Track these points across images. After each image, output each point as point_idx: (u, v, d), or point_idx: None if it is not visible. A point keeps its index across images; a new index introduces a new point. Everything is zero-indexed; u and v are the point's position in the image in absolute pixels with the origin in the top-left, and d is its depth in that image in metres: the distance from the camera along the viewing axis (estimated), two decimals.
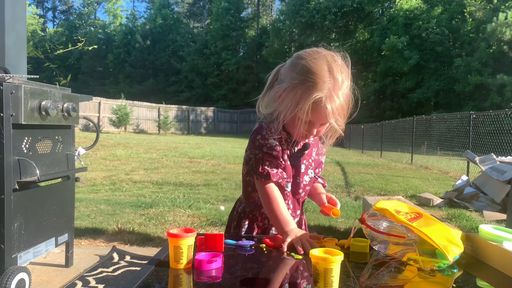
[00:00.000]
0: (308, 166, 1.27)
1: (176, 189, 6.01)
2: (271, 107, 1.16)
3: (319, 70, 1.05)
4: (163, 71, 37.67)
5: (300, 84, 1.05)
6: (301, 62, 1.07)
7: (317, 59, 1.06)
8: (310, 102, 1.04)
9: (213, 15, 37.66)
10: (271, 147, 1.16)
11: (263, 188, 1.16)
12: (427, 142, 12.34)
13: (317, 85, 1.04)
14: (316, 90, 1.04)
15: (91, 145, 2.96)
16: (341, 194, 5.98)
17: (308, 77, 1.04)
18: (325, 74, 1.05)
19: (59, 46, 3.83)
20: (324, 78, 1.04)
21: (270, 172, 1.14)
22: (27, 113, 1.99)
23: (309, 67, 1.05)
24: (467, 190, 5.42)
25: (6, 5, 2.43)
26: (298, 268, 0.92)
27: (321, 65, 1.05)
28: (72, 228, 2.58)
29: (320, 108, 1.05)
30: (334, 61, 1.07)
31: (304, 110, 1.04)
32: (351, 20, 30.15)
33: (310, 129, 1.12)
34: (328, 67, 1.05)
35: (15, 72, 2.35)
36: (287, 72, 1.12)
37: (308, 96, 1.04)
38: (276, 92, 1.13)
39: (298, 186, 1.24)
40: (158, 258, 0.92)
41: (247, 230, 1.28)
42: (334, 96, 1.05)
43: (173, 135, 22.84)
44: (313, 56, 1.08)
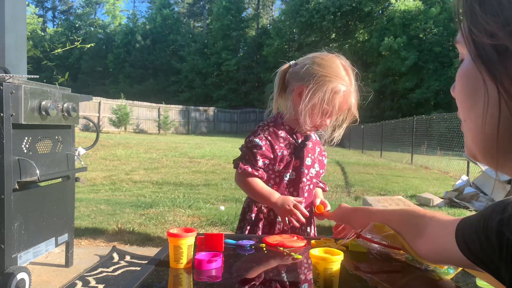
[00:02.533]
0: (314, 160, 1.39)
1: (176, 189, 6.01)
2: (291, 105, 1.30)
3: (335, 67, 1.25)
4: (163, 71, 37.66)
5: (320, 79, 1.23)
6: (318, 61, 1.26)
7: (331, 58, 1.27)
8: (331, 93, 1.22)
9: (213, 15, 37.67)
10: (253, 145, 1.31)
11: (241, 179, 1.33)
12: (427, 142, 12.34)
13: (335, 78, 1.23)
14: (335, 82, 1.23)
15: (91, 145, 2.96)
16: (341, 194, 5.98)
17: (327, 72, 1.23)
18: (341, 70, 1.25)
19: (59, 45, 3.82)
20: (340, 73, 1.24)
21: (241, 166, 1.31)
22: (27, 113, 1.99)
23: (327, 64, 1.25)
24: (467, 190, 5.42)
25: (6, 5, 2.43)
26: (298, 268, 0.92)
27: (336, 63, 1.26)
28: (72, 228, 2.58)
29: (339, 98, 1.24)
30: (345, 61, 1.29)
31: (325, 100, 1.22)
32: (350, 20, 30.15)
33: (325, 118, 1.28)
34: (342, 65, 1.26)
35: (15, 72, 2.35)
36: (306, 70, 1.27)
37: (328, 87, 1.22)
38: (297, 89, 1.28)
39: (301, 175, 1.34)
40: (158, 258, 0.92)
41: (253, 222, 1.35)
42: (351, 91, 1.26)
43: (173, 135, 22.84)
44: (327, 55, 1.28)
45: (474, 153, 0.42)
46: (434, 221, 0.77)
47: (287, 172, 1.33)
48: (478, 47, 0.36)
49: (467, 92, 0.40)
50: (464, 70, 0.41)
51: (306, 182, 1.36)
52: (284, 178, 1.33)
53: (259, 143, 1.30)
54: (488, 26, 0.34)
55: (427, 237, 0.76)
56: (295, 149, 1.34)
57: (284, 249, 1.02)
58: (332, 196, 5.77)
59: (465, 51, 0.40)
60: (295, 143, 1.35)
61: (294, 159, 1.33)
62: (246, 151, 1.32)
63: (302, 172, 1.33)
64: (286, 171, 1.32)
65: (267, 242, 1.07)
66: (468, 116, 0.41)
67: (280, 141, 1.33)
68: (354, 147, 20.16)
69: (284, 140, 1.33)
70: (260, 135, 1.32)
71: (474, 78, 0.38)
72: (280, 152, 1.32)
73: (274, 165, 1.33)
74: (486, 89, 0.36)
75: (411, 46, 24.10)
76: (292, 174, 1.33)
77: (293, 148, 1.34)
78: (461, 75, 0.41)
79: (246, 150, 1.33)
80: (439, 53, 23.91)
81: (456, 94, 0.43)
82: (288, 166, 1.33)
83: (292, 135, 1.35)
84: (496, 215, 0.53)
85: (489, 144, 0.38)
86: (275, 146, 1.31)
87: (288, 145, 1.33)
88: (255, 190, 1.30)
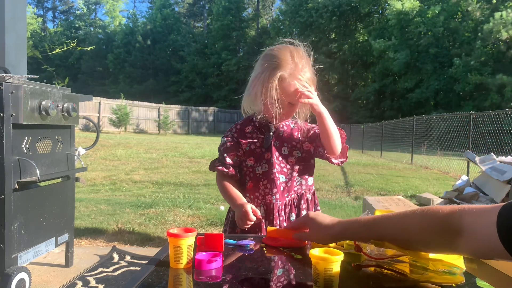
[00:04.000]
0: (292, 149, 1.38)
1: (176, 189, 6.01)
2: (251, 100, 1.33)
3: (283, 55, 1.26)
4: (163, 71, 37.66)
5: (267, 68, 1.25)
6: (268, 53, 1.30)
7: (281, 49, 1.28)
8: (276, 80, 1.22)
9: (214, 15, 37.66)
10: (221, 144, 1.40)
11: (217, 179, 1.42)
12: (427, 142, 12.34)
13: (281, 66, 1.23)
14: (280, 69, 1.23)
15: (91, 145, 2.96)
16: (341, 194, 5.98)
17: (273, 61, 1.25)
18: (288, 58, 1.25)
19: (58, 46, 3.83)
20: (287, 61, 1.24)
21: (216, 167, 1.39)
22: (27, 113, 1.99)
23: (274, 54, 1.27)
24: (467, 190, 5.42)
25: (6, 5, 2.43)
26: (298, 268, 0.92)
27: (285, 52, 1.27)
28: (72, 228, 2.58)
29: (285, 85, 1.24)
30: (296, 49, 1.29)
31: (272, 88, 1.22)
32: (350, 20, 30.16)
33: (283, 106, 1.27)
34: (290, 54, 1.26)
35: (15, 72, 2.35)
36: (258, 63, 1.31)
37: (274, 74, 1.22)
38: (251, 81, 1.32)
39: (272, 166, 1.35)
40: (158, 258, 0.92)
41: (232, 220, 1.38)
42: (297, 75, 1.25)
43: (173, 135, 22.84)
44: (278, 47, 1.30)
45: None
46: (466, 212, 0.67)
47: (259, 165, 1.36)
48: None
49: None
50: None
51: (277, 173, 1.36)
52: (256, 171, 1.37)
53: (225, 141, 1.39)
54: None
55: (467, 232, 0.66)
56: (263, 142, 1.37)
57: (284, 249, 1.02)
58: (332, 196, 5.77)
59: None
60: (263, 136, 1.38)
61: (265, 151, 1.36)
62: (218, 152, 1.42)
63: (272, 163, 1.35)
64: (258, 164, 1.36)
65: (267, 242, 1.07)
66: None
67: (247, 136, 1.38)
68: (354, 147, 20.15)
69: (251, 135, 1.38)
70: (227, 134, 1.41)
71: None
72: (248, 146, 1.37)
73: (245, 161, 1.38)
74: None
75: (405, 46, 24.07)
76: (264, 166, 1.36)
77: (261, 141, 1.37)
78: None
79: (218, 152, 1.42)
80: (438, 53, 23.91)
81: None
82: (260, 159, 1.36)
83: (261, 129, 1.39)
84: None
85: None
86: (241, 142, 1.37)
87: (256, 139, 1.38)
88: (224, 193, 1.38)
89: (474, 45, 21.66)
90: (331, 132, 1.30)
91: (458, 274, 0.88)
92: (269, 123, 1.36)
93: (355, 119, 26.13)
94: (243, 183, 1.41)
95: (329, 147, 1.32)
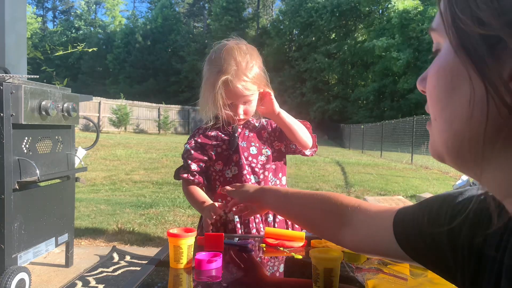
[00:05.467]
0: (261, 147, 1.34)
1: (176, 189, 6.01)
2: (202, 102, 1.29)
3: (224, 56, 1.20)
4: (163, 71, 37.66)
5: (211, 72, 1.22)
6: (211, 56, 1.25)
7: (221, 49, 1.23)
8: (221, 85, 1.18)
9: (213, 15, 37.64)
10: (185, 152, 1.34)
11: (183, 188, 1.37)
12: (427, 142, 12.29)
13: (224, 69, 1.19)
14: (224, 73, 1.18)
15: (91, 145, 2.96)
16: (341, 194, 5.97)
17: (215, 65, 1.21)
18: (230, 58, 1.20)
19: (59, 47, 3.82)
20: (229, 62, 1.19)
21: (181, 175, 1.34)
22: (27, 113, 1.99)
23: (216, 57, 1.22)
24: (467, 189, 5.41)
25: (6, 5, 2.43)
26: (298, 268, 0.92)
27: (226, 52, 1.21)
28: (72, 228, 2.58)
29: (231, 87, 1.19)
30: (238, 46, 1.23)
31: (220, 93, 1.18)
32: (350, 20, 30.16)
33: (236, 110, 1.25)
34: (231, 52, 1.21)
35: (15, 72, 2.35)
36: (204, 68, 1.28)
37: (219, 79, 1.18)
38: (201, 88, 1.28)
39: (242, 168, 1.30)
40: (158, 258, 0.92)
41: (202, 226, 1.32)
42: (241, 75, 1.19)
43: (173, 135, 22.84)
44: (218, 47, 1.25)
45: (442, 155, 0.38)
46: (361, 210, 0.71)
47: (228, 168, 1.31)
48: (462, 36, 0.31)
49: (444, 88, 0.35)
50: (442, 62, 0.35)
51: (248, 174, 1.31)
52: (226, 175, 1.31)
53: (188, 148, 1.33)
54: (479, 13, 0.30)
55: (354, 227, 0.70)
56: (229, 144, 1.32)
57: (284, 249, 1.02)
58: None
59: (443, 40, 0.35)
60: (229, 138, 1.33)
61: (233, 153, 1.31)
62: (182, 160, 1.35)
63: (242, 165, 1.30)
64: (227, 168, 1.31)
65: (267, 242, 1.07)
66: (440, 115, 0.36)
67: (211, 140, 1.33)
68: (354, 147, 20.16)
69: (215, 138, 1.33)
70: (190, 140, 1.35)
71: (455, 73, 0.33)
72: (214, 151, 1.32)
73: (213, 166, 1.32)
74: (472, 87, 0.31)
75: (407, 46, 24.08)
76: (234, 169, 1.31)
77: (227, 143, 1.32)
78: (437, 68, 0.36)
79: (182, 159, 1.36)
80: None
81: (429, 89, 0.37)
82: (229, 162, 1.31)
83: (225, 131, 1.33)
84: (444, 220, 0.49)
85: (464, 147, 0.34)
86: (206, 147, 1.32)
87: (221, 142, 1.32)
88: (191, 199, 1.32)
89: None
90: (295, 128, 1.28)
91: None
92: (232, 124, 1.32)
93: (355, 119, 26.13)
94: (213, 188, 1.35)
95: (299, 142, 1.31)
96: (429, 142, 0.40)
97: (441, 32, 0.34)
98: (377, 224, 0.64)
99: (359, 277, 0.86)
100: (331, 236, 0.76)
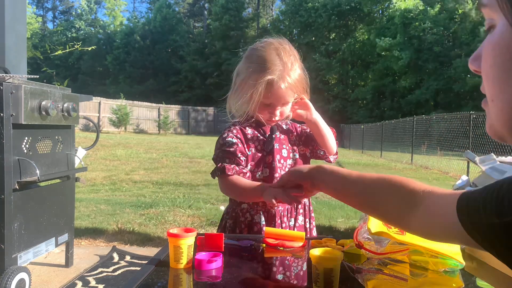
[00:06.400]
0: (289, 150, 1.31)
1: (176, 189, 6.01)
2: (237, 100, 1.24)
3: (269, 56, 1.16)
4: (163, 71, 37.66)
5: (254, 71, 1.16)
6: (253, 53, 1.20)
7: (265, 47, 1.19)
8: (264, 85, 1.14)
9: (213, 15, 37.64)
10: (229, 145, 1.23)
11: (223, 182, 1.21)
12: (427, 142, 12.35)
13: (269, 69, 1.14)
14: (269, 73, 1.14)
15: (91, 145, 2.97)
16: None
17: (260, 63, 1.16)
18: (275, 58, 1.16)
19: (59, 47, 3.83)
20: (274, 62, 1.15)
21: (226, 167, 1.19)
22: (27, 113, 1.99)
23: (260, 55, 1.17)
24: (467, 190, 5.42)
25: (6, 5, 2.43)
26: (298, 268, 0.92)
27: (270, 51, 1.17)
28: (72, 228, 2.58)
29: (274, 89, 1.16)
30: (282, 46, 1.19)
31: (261, 92, 1.15)
32: (350, 20, 30.16)
33: (273, 111, 1.22)
34: (276, 52, 1.17)
35: (15, 72, 2.35)
36: (243, 64, 1.23)
37: (262, 79, 1.14)
38: (237, 85, 1.24)
39: (274, 171, 1.25)
40: (158, 258, 0.92)
41: (231, 230, 1.28)
42: (286, 76, 1.16)
43: (173, 135, 22.84)
44: (262, 45, 1.20)
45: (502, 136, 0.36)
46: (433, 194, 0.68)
47: (260, 170, 1.26)
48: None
49: (502, 67, 0.32)
50: (498, 39, 0.33)
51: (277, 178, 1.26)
52: (257, 176, 1.26)
53: (234, 141, 1.23)
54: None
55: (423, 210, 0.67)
56: (264, 144, 1.27)
57: (284, 249, 1.02)
58: None
59: (496, 16, 0.33)
60: (264, 138, 1.28)
61: (266, 155, 1.26)
62: (225, 154, 1.22)
63: (274, 167, 1.25)
64: (258, 169, 1.26)
65: (267, 242, 1.06)
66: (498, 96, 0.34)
67: (248, 138, 1.26)
68: (354, 147, 20.16)
69: (252, 137, 1.27)
70: (228, 133, 1.25)
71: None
72: (250, 150, 1.26)
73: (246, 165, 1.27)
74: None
75: (408, 45, 24.08)
76: (265, 171, 1.26)
77: (262, 144, 1.27)
78: (493, 45, 0.33)
79: (224, 153, 1.22)
80: (438, 53, 23.92)
81: (485, 69, 0.35)
82: (260, 163, 1.26)
83: (259, 129, 1.29)
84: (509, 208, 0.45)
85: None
86: (245, 144, 1.25)
87: (256, 141, 1.27)
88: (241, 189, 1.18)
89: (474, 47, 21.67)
90: (327, 136, 1.28)
91: (457, 273, 0.88)
92: (265, 124, 1.28)
93: (355, 119, 26.13)
94: None
95: (328, 149, 1.31)
96: (487, 122, 0.38)
97: (494, 7, 0.33)
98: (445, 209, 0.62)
99: (359, 277, 0.86)
100: (398, 220, 0.74)
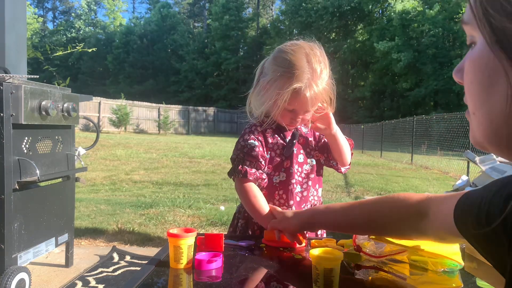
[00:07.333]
0: (307, 156, 1.29)
1: (176, 189, 6.01)
2: (259, 101, 1.21)
3: (298, 61, 1.11)
4: (163, 71, 37.68)
5: (281, 76, 1.12)
6: (282, 55, 1.14)
7: (296, 51, 1.13)
8: (290, 92, 1.10)
9: (213, 15, 37.64)
10: (251, 148, 1.20)
11: (241, 185, 1.20)
12: (427, 142, 12.35)
13: (297, 76, 1.10)
14: (296, 80, 1.10)
15: (91, 145, 2.97)
16: (341, 194, 5.98)
17: (288, 69, 1.11)
18: (304, 65, 1.11)
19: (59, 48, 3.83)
20: (303, 69, 1.10)
21: (248, 171, 1.18)
22: (27, 113, 1.99)
23: (289, 59, 1.12)
24: (467, 190, 5.41)
25: (6, 5, 2.43)
26: (298, 268, 0.92)
27: (300, 56, 1.12)
28: (72, 228, 2.58)
29: (301, 96, 1.11)
30: (313, 52, 1.14)
31: (286, 99, 1.11)
32: (350, 20, 30.17)
33: (295, 117, 1.19)
34: (306, 58, 1.12)
35: (15, 72, 2.35)
36: (270, 65, 1.18)
37: (289, 86, 1.10)
38: (262, 85, 1.19)
39: (291, 176, 1.24)
40: (158, 258, 0.92)
41: (242, 230, 1.28)
42: (313, 85, 1.11)
43: (173, 135, 22.84)
44: (292, 48, 1.14)
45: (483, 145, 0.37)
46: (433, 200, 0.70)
47: (276, 174, 1.24)
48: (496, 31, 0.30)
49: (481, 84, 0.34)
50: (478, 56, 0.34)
51: (296, 183, 1.26)
52: (274, 180, 1.24)
53: (255, 143, 1.20)
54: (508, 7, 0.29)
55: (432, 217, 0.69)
56: (283, 149, 1.25)
57: (284, 249, 1.02)
58: (332, 196, 5.78)
59: (477, 34, 0.34)
60: (284, 142, 1.25)
61: (285, 159, 1.24)
62: (246, 156, 1.20)
63: (292, 173, 1.23)
64: (276, 173, 1.24)
65: (267, 243, 1.06)
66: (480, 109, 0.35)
67: (268, 141, 1.24)
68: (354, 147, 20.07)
69: (272, 141, 1.24)
70: (249, 136, 1.22)
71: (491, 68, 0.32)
72: (269, 153, 1.24)
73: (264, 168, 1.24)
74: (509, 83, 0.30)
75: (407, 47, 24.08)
76: (282, 175, 1.24)
77: (281, 148, 1.24)
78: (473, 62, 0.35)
79: (245, 155, 1.20)
80: (438, 54, 23.93)
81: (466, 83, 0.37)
82: (278, 168, 1.24)
83: (280, 134, 1.25)
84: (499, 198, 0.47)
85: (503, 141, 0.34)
86: (265, 147, 1.23)
87: (276, 146, 1.24)
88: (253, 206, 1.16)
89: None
90: (343, 150, 1.27)
91: (457, 273, 0.88)
92: (286, 129, 1.25)
93: (355, 119, 26.13)
94: None
95: (342, 161, 1.30)
96: (470, 132, 0.40)
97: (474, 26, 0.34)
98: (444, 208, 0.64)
99: (359, 277, 0.86)
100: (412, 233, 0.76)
